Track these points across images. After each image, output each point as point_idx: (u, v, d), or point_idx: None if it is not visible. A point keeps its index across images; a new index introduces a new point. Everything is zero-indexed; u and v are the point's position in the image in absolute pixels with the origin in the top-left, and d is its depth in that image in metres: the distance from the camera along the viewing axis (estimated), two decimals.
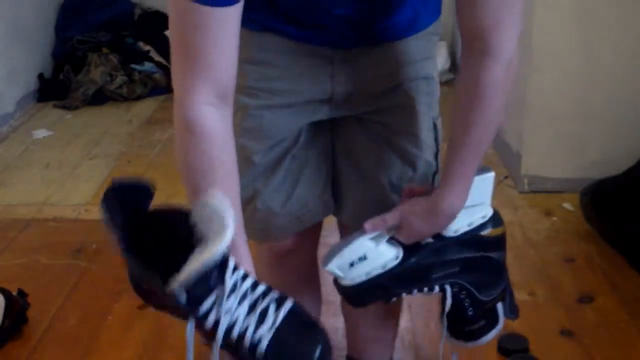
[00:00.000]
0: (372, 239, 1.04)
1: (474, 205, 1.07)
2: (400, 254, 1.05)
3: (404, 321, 1.72)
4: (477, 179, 1.05)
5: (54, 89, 3.63)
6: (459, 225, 1.07)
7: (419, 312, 1.79)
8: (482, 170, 1.07)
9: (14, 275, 2.01)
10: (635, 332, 1.70)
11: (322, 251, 1.41)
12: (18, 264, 2.09)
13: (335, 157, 1.18)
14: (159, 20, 4.02)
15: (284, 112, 1.10)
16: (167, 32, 4.22)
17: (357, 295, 1.09)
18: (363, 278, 1.05)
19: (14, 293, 1.78)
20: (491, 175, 1.08)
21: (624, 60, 2.25)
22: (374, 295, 1.09)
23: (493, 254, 1.12)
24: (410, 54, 1.08)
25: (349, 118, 1.13)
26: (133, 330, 1.76)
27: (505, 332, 1.67)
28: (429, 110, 1.12)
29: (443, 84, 1.19)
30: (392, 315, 1.38)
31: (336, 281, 1.09)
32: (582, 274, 1.94)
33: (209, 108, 0.87)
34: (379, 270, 1.05)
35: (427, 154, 1.14)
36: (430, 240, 1.07)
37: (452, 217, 1.04)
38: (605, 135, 2.33)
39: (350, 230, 1.21)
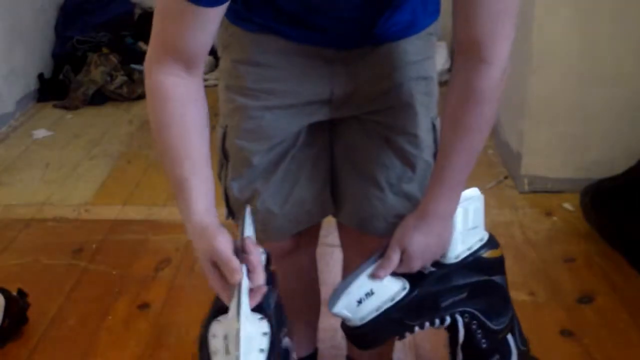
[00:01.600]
0: (372, 276, 1.02)
1: (468, 229, 1.07)
2: (407, 285, 1.04)
3: None
4: (468, 203, 1.06)
5: (54, 89, 3.63)
6: (459, 251, 1.07)
7: None
8: (469, 192, 1.08)
9: (14, 275, 2.01)
10: (635, 332, 1.70)
11: (321, 251, 1.41)
12: (18, 264, 2.09)
13: (335, 158, 1.18)
14: None
15: (283, 113, 1.10)
16: None
17: (371, 334, 1.04)
18: (375, 314, 1.01)
19: (14, 293, 1.78)
20: (480, 196, 1.09)
21: (624, 60, 2.25)
22: (389, 330, 1.05)
23: (496, 278, 1.11)
24: (410, 54, 1.08)
25: (348, 118, 1.14)
26: (133, 330, 1.76)
27: None
28: (427, 110, 1.13)
29: (443, 84, 1.19)
30: None
31: (344, 324, 1.05)
32: (582, 274, 1.94)
33: (171, 77, 0.94)
34: (389, 304, 1.01)
35: (426, 154, 1.14)
36: (432, 269, 1.06)
37: (445, 222, 1.03)
38: (605, 135, 2.34)
39: (349, 230, 1.21)
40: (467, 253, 1.07)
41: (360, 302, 1.00)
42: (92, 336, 1.74)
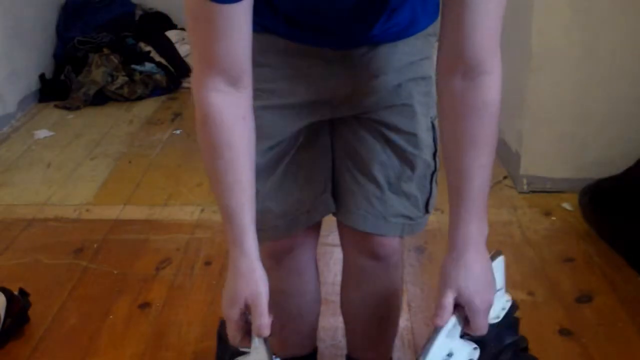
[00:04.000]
0: (448, 336, 0.97)
1: (497, 290, 1.04)
2: (475, 345, 1.00)
3: (404, 321, 1.73)
4: (494, 264, 1.02)
5: (55, 89, 3.64)
6: (496, 312, 1.04)
7: (419, 312, 1.80)
8: (493, 254, 1.05)
9: (15, 274, 2.02)
10: (633, 331, 1.70)
11: (321, 251, 1.42)
12: (19, 263, 2.10)
13: (334, 158, 1.19)
14: (160, 21, 4.03)
15: (283, 113, 1.11)
16: (167, 33, 4.24)
17: None
18: None
19: (16, 292, 1.79)
20: (502, 258, 1.07)
21: (623, 60, 2.26)
22: None
23: (518, 336, 1.10)
24: (409, 54, 1.09)
25: (348, 118, 1.14)
26: (134, 330, 1.77)
27: None
28: (427, 110, 1.13)
29: None
30: (392, 314, 1.39)
31: None
32: (580, 274, 1.95)
33: (219, 94, 0.94)
34: None
35: (425, 154, 1.15)
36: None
37: (484, 246, 1.00)
38: (604, 135, 2.34)
39: (349, 229, 1.22)
40: (503, 313, 1.06)
41: None
42: (93, 335, 1.75)
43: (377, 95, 1.11)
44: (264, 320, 0.95)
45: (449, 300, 0.96)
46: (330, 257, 1.99)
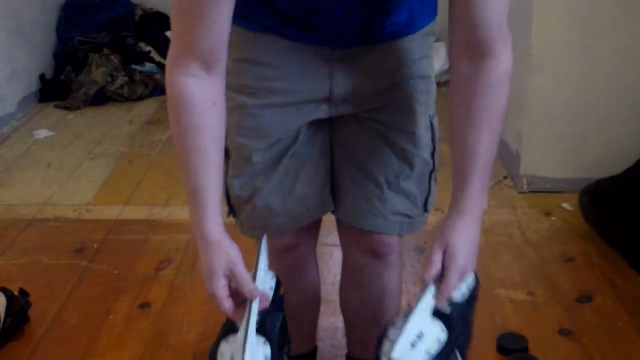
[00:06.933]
0: (422, 313, 0.98)
1: None
2: (443, 325, 0.99)
3: None
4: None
5: (55, 89, 3.64)
6: (464, 290, 1.05)
7: None
8: None
9: (15, 274, 2.02)
10: (633, 331, 1.70)
11: (321, 251, 1.42)
12: (19, 263, 2.10)
13: (334, 155, 1.19)
14: (160, 21, 4.03)
15: (282, 112, 1.11)
16: (167, 33, 4.25)
17: None
18: (426, 357, 0.96)
19: (16, 292, 1.79)
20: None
21: (623, 60, 2.26)
22: None
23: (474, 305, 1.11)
24: (408, 53, 1.10)
25: (347, 116, 1.15)
26: (134, 330, 1.77)
27: (504, 331, 1.68)
28: (425, 108, 1.14)
29: (442, 84, 1.20)
30: (391, 314, 1.39)
31: None
32: (580, 274, 1.95)
33: (191, 79, 0.95)
34: (436, 346, 0.97)
35: (424, 152, 1.15)
36: (447, 309, 1.01)
37: (479, 219, 1.03)
38: (604, 135, 2.34)
39: (348, 228, 1.22)
40: (469, 293, 1.05)
41: (413, 345, 0.96)
42: (93, 335, 1.75)
43: (376, 93, 1.11)
44: (250, 285, 0.95)
45: (438, 256, 0.99)
46: (330, 257, 1.99)
